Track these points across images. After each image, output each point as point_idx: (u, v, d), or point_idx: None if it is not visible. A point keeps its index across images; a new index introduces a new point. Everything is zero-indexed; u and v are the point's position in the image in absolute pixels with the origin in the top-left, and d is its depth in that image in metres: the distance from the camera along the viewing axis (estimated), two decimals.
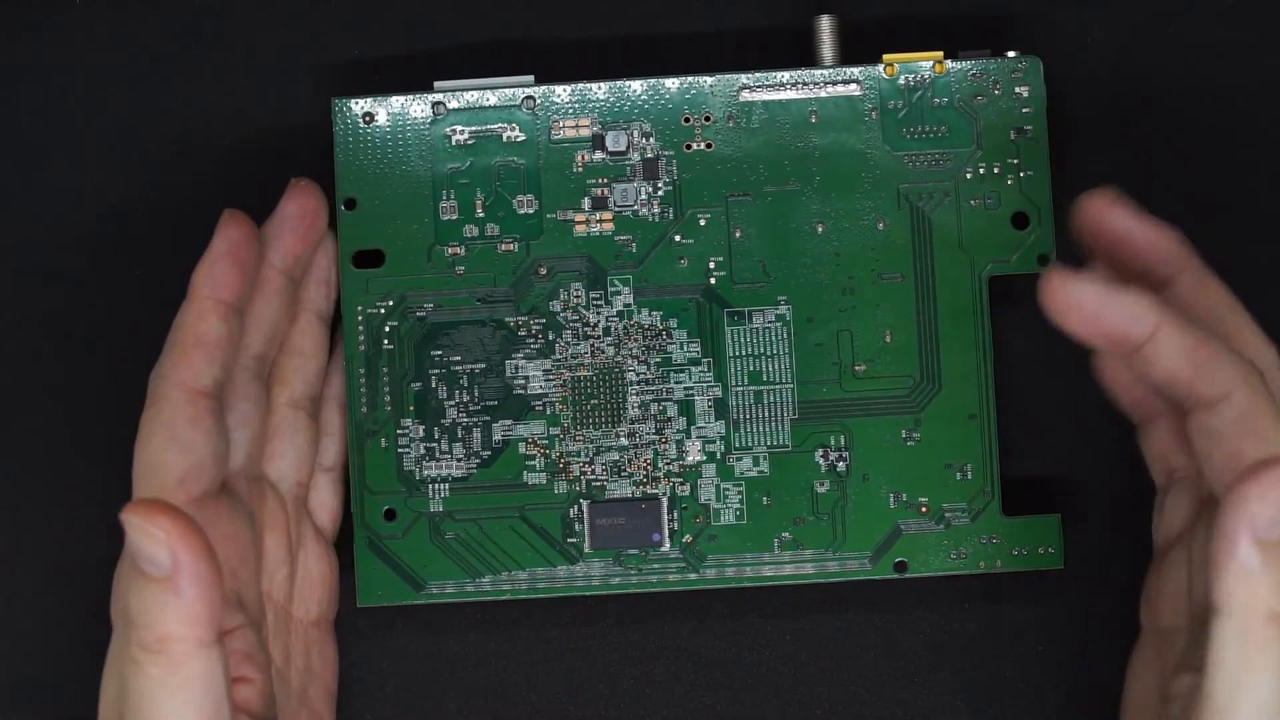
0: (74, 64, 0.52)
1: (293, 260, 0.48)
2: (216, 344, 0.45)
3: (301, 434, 0.49)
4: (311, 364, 0.49)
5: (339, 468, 0.50)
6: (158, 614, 0.40)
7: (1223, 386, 0.41)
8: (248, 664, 0.44)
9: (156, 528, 0.39)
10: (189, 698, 0.40)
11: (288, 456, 0.48)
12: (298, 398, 0.49)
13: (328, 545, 0.49)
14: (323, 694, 0.49)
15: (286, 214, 0.48)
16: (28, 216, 0.52)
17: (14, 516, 0.51)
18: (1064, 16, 0.51)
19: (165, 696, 0.40)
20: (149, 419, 0.44)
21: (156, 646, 0.40)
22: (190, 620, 0.40)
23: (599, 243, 0.50)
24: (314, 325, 0.49)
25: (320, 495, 0.49)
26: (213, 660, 0.40)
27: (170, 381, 0.44)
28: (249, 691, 0.44)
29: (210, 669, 0.40)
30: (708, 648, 0.51)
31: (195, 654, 0.40)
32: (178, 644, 0.40)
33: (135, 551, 0.40)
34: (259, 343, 0.47)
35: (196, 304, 0.45)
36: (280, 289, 0.48)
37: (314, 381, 0.49)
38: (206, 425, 0.44)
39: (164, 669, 0.40)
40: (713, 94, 0.50)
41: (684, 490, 0.49)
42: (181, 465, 0.44)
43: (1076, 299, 0.42)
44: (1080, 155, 0.51)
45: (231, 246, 0.45)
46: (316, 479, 0.49)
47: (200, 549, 0.40)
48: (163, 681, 0.40)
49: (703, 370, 0.49)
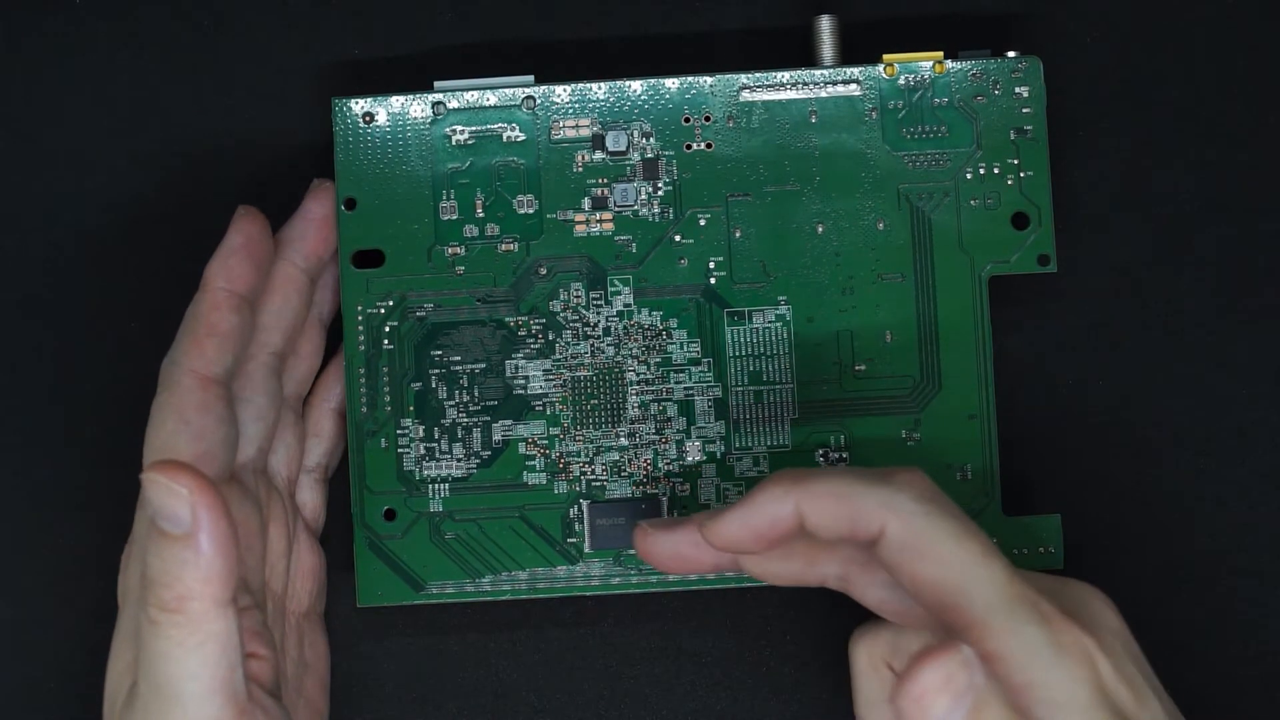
0: (74, 64, 0.52)
1: (315, 260, 0.49)
2: (229, 334, 0.45)
3: (290, 432, 0.49)
4: (304, 365, 0.49)
5: (321, 469, 0.50)
6: (177, 572, 0.40)
7: (874, 522, 0.41)
8: (258, 641, 0.45)
9: (179, 484, 0.40)
10: (206, 658, 0.41)
11: (279, 453, 0.49)
12: (288, 396, 0.49)
13: (316, 539, 0.50)
14: (317, 685, 0.49)
15: (313, 215, 0.49)
16: (28, 216, 0.52)
17: (14, 516, 0.51)
18: (1064, 16, 0.51)
19: (183, 656, 0.41)
20: (160, 404, 0.45)
21: (175, 605, 0.41)
22: (209, 578, 0.40)
23: (599, 243, 0.50)
24: (314, 328, 0.50)
25: (305, 494, 0.50)
26: (229, 620, 0.41)
27: (182, 368, 0.45)
28: (260, 666, 0.44)
29: (227, 629, 0.41)
30: (708, 648, 0.51)
31: (213, 612, 0.41)
32: (196, 602, 0.41)
33: (156, 510, 0.40)
34: (278, 340, 0.48)
35: (210, 294, 0.46)
36: (301, 288, 0.48)
37: (305, 383, 0.50)
38: (218, 412, 0.45)
39: (182, 628, 0.41)
40: (713, 94, 0.50)
41: (684, 490, 0.49)
42: (192, 450, 0.44)
43: (732, 532, 0.43)
44: (1080, 155, 0.51)
45: (246, 240, 0.46)
46: (301, 478, 0.50)
47: (220, 507, 0.40)
48: (180, 641, 0.41)
49: (703, 370, 0.49)
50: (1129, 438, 0.50)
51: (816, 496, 0.42)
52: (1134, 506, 0.50)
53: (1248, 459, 0.50)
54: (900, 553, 0.41)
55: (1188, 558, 0.50)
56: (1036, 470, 0.51)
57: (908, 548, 0.41)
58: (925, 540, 0.41)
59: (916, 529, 0.41)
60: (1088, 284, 0.51)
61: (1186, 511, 0.50)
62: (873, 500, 0.41)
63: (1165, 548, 0.50)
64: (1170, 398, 0.51)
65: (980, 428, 0.49)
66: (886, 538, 0.41)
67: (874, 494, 0.41)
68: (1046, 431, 0.51)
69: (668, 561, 0.45)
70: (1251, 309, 0.51)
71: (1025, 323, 0.51)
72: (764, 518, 0.42)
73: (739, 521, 0.42)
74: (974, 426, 0.49)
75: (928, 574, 0.41)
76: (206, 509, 0.40)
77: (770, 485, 0.42)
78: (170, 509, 0.40)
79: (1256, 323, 0.51)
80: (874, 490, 0.41)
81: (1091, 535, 0.50)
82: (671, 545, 0.44)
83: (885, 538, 0.41)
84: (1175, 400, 0.51)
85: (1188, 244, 0.51)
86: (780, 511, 0.42)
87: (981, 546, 0.41)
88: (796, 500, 0.42)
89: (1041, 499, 0.51)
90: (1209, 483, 0.50)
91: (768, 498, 0.42)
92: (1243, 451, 0.50)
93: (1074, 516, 0.50)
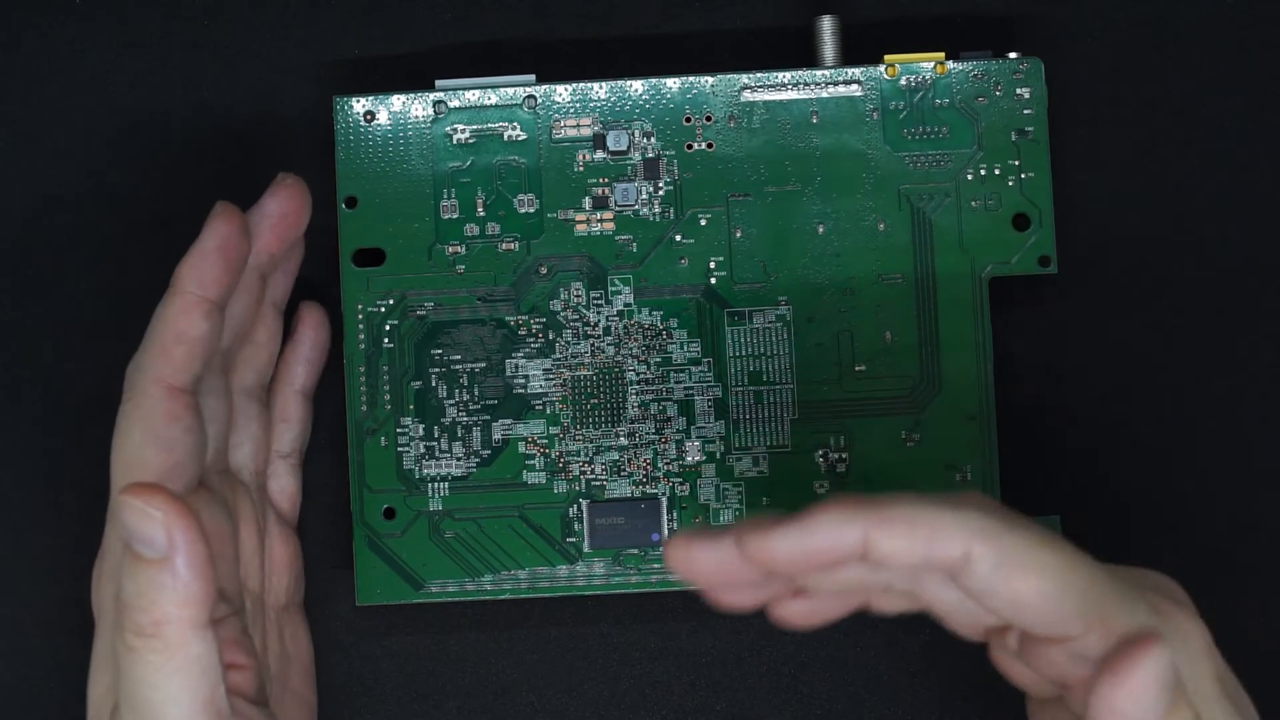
0: (74, 64, 0.52)
1: (267, 258, 0.47)
2: (198, 341, 0.44)
3: (255, 422, 0.48)
4: (263, 352, 0.49)
5: (296, 454, 0.50)
6: (153, 596, 0.40)
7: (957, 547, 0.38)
8: (238, 650, 0.44)
9: (153, 508, 0.40)
10: (185, 681, 0.41)
11: (245, 446, 0.48)
12: (249, 386, 0.48)
13: (290, 530, 0.49)
14: (302, 675, 0.49)
15: (268, 211, 0.47)
16: (28, 215, 0.52)
17: (14, 516, 0.51)
18: (1065, 18, 0.51)
19: (162, 681, 0.40)
20: (127, 414, 0.44)
21: (152, 630, 0.40)
22: (186, 601, 0.40)
23: (600, 242, 0.50)
24: (270, 314, 0.49)
25: (280, 482, 0.49)
26: (208, 642, 0.41)
27: (150, 377, 0.44)
28: (241, 677, 0.44)
29: (206, 651, 0.41)
30: (708, 648, 0.51)
31: (191, 636, 0.40)
32: (173, 626, 0.40)
33: (131, 534, 0.40)
34: (226, 339, 0.47)
35: (180, 299, 0.45)
36: (250, 286, 0.47)
37: (265, 370, 0.49)
38: (186, 422, 0.44)
39: (160, 653, 0.40)
40: (714, 94, 0.50)
41: (684, 490, 0.49)
42: (162, 462, 0.44)
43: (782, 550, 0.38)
44: (1081, 156, 0.51)
45: (222, 243, 0.45)
46: (275, 466, 0.49)
47: (195, 529, 0.40)
48: (159, 666, 0.40)
49: (703, 370, 0.49)
50: (1129, 438, 0.50)
51: (889, 523, 0.38)
52: (1134, 507, 0.50)
53: (1248, 459, 0.51)
54: (996, 571, 0.38)
55: (1188, 558, 0.50)
56: (1036, 471, 0.51)
57: (1004, 565, 0.38)
58: (1020, 554, 0.38)
59: (1007, 546, 0.38)
60: (1088, 285, 0.51)
61: (1187, 512, 0.50)
62: (952, 525, 0.38)
63: (1165, 548, 0.50)
64: (1170, 398, 0.51)
65: (980, 429, 0.49)
66: (975, 561, 0.38)
67: (952, 519, 0.38)
68: (1046, 432, 0.51)
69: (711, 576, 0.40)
70: (1252, 309, 0.51)
71: (1025, 324, 0.51)
72: (823, 540, 0.38)
73: (794, 540, 0.39)
74: (974, 427, 0.49)
75: (1032, 587, 0.38)
76: (182, 531, 0.40)
77: (833, 508, 0.39)
78: (145, 533, 0.40)
79: (1257, 323, 0.51)
80: (950, 515, 0.39)
81: (1091, 536, 0.50)
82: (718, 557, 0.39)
83: (974, 561, 0.38)
84: (1175, 400, 0.51)
85: (1188, 244, 0.51)
86: (845, 537, 0.38)
87: (1072, 549, 0.39)
88: (866, 526, 0.38)
89: (1041, 500, 0.50)
90: (1209, 483, 0.50)
91: (832, 520, 0.38)
92: (1243, 452, 0.50)
93: (1074, 517, 0.50)
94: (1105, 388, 0.51)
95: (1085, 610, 0.38)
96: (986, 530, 0.38)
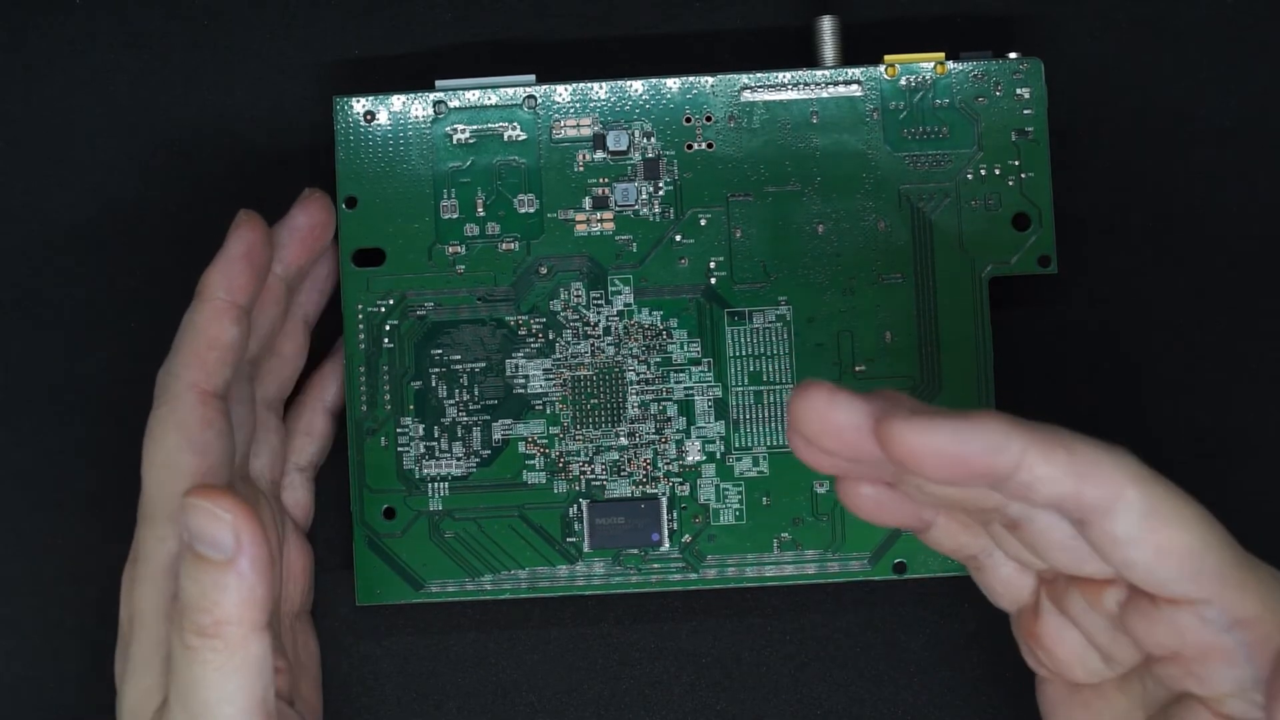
0: (74, 64, 0.52)
1: (295, 270, 0.48)
2: (229, 346, 0.45)
3: (273, 433, 0.49)
4: (288, 366, 0.49)
5: (313, 468, 0.50)
6: (215, 597, 0.40)
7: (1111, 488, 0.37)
8: (276, 653, 0.45)
9: (222, 509, 0.40)
10: (244, 681, 0.41)
11: (262, 456, 0.49)
12: (270, 398, 0.49)
13: (305, 539, 0.50)
14: (311, 684, 0.49)
15: (296, 224, 0.48)
16: (28, 216, 0.52)
17: (14, 516, 0.51)
18: (1065, 17, 0.51)
19: (221, 681, 0.41)
20: (161, 419, 0.44)
21: (214, 631, 0.41)
22: (249, 603, 0.40)
23: (600, 242, 0.50)
24: (298, 329, 0.49)
25: (296, 494, 0.50)
26: (265, 644, 0.41)
27: (183, 382, 0.44)
28: (279, 679, 0.45)
29: (264, 653, 0.41)
30: (708, 648, 0.51)
31: (251, 637, 0.41)
32: (234, 627, 0.40)
33: (196, 535, 0.40)
34: (253, 347, 0.47)
35: (210, 305, 0.45)
36: (278, 297, 0.48)
37: (287, 384, 0.49)
38: (219, 426, 0.45)
39: (220, 653, 0.41)
40: (714, 94, 0.50)
41: (684, 490, 0.49)
42: (196, 466, 0.44)
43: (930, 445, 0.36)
44: (1081, 156, 0.51)
45: (248, 249, 0.45)
46: (291, 478, 0.50)
47: (260, 532, 0.40)
48: (219, 666, 0.41)
49: (703, 370, 0.49)
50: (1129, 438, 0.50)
51: (1050, 448, 0.36)
52: None
53: (1249, 459, 0.51)
54: (1145, 519, 0.37)
55: None
56: None
57: (1153, 514, 0.37)
58: (1171, 505, 0.37)
59: (1160, 495, 0.37)
60: (1088, 285, 0.51)
61: None
62: (1109, 464, 0.37)
63: None
64: (1171, 398, 0.51)
65: None
66: (1125, 506, 0.37)
67: (1110, 458, 0.37)
68: None
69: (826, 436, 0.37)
70: (1252, 309, 0.51)
71: (1025, 324, 0.51)
72: (981, 448, 0.36)
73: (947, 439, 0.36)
74: None
75: (1177, 540, 0.37)
76: (249, 534, 0.40)
77: (998, 416, 0.36)
78: (212, 534, 0.40)
79: (1257, 323, 0.51)
80: (1108, 454, 0.37)
81: None
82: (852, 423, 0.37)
83: (1124, 505, 0.37)
84: (1176, 400, 0.51)
85: (1188, 245, 0.51)
86: (1004, 450, 0.36)
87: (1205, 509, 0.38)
88: (1026, 444, 0.36)
89: None
90: (1210, 483, 0.50)
91: (997, 428, 0.36)
92: (1244, 452, 0.50)
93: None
94: (1105, 388, 0.51)
95: (1222, 574, 0.37)
96: (1142, 476, 0.37)
